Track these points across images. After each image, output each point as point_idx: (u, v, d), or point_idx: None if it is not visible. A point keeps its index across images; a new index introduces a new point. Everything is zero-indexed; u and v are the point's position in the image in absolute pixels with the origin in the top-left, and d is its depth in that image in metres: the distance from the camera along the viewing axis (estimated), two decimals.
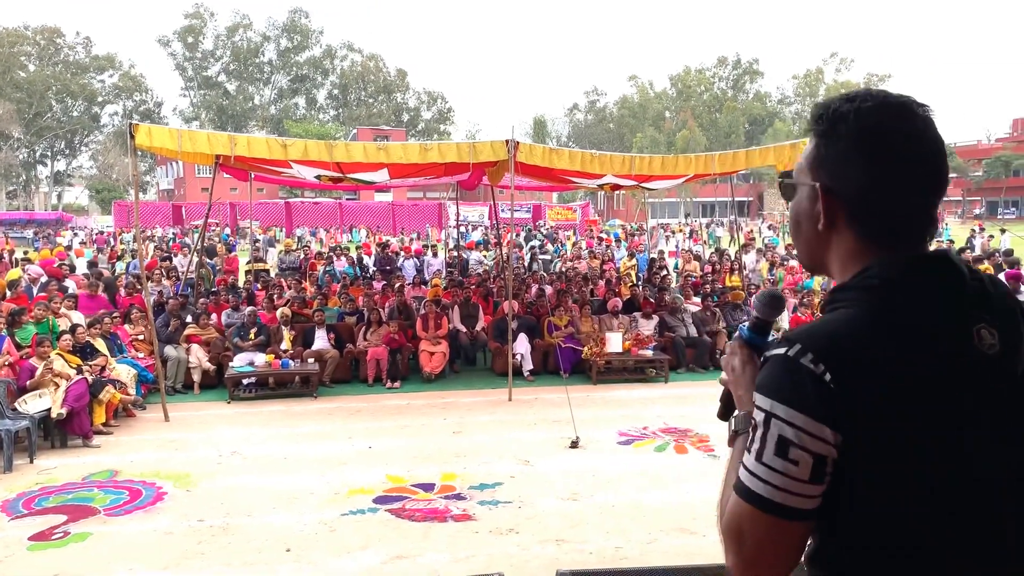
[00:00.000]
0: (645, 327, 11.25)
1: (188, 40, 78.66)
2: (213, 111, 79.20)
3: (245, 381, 9.57)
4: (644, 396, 9.58)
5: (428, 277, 16.47)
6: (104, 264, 18.94)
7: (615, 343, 10.42)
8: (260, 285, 14.01)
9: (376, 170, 11.13)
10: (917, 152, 1.16)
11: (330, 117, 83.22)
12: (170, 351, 9.90)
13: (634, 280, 16.03)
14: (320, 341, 10.43)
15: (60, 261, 17.03)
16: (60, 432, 7.65)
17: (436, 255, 21.60)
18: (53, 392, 7.57)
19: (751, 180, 64.54)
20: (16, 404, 7.42)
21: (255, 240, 20.69)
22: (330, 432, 8.05)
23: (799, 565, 1.17)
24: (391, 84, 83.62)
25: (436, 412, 8.83)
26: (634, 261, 19.87)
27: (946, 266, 1.16)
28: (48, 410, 7.46)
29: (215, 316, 11.07)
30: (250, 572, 4.93)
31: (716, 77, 75.62)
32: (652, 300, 12.31)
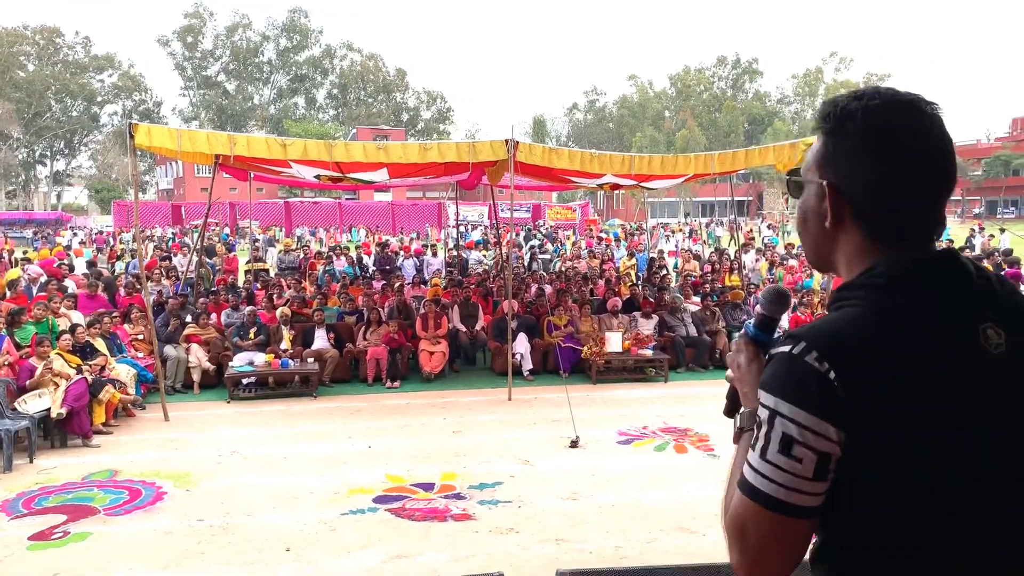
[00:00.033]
0: (645, 327, 11.26)
1: (187, 40, 78.62)
2: (212, 111, 79.17)
3: (245, 381, 9.58)
4: (644, 396, 9.59)
5: (428, 277, 16.47)
6: (104, 264, 18.95)
7: (615, 343, 10.43)
8: (260, 285, 14.01)
9: (375, 170, 11.13)
10: (925, 150, 1.15)
11: (329, 117, 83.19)
12: (170, 351, 9.90)
13: (634, 280, 16.03)
14: (320, 341, 10.43)
15: (59, 261, 17.03)
16: (60, 432, 7.64)
17: (436, 255, 21.61)
18: (53, 392, 7.57)
19: (750, 180, 64.54)
20: (16, 404, 7.42)
21: (255, 240, 20.69)
22: (330, 432, 8.06)
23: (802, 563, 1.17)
24: (390, 84, 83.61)
25: (436, 412, 8.83)
26: (634, 261, 19.88)
27: (952, 265, 1.16)
28: (48, 410, 7.46)
29: (215, 316, 11.08)
30: (250, 572, 4.93)
31: (715, 77, 75.60)
32: (652, 300, 12.31)
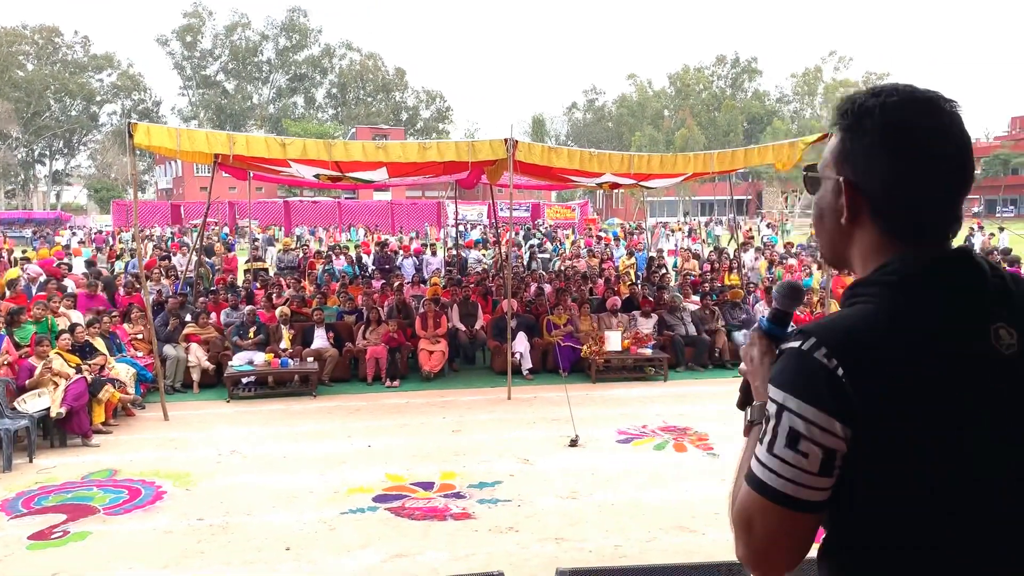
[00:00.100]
0: (644, 326, 11.26)
1: (187, 39, 78.58)
2: (212, 110, 79.15)
3: (244, 380, 9.58)
4: (643, 395, 9.59)
5: (427, 276, 16.45)
6: (103, 263, 18.93)
7: (614, 342, 10.43)
8: (259, 284, 14.02)
9: (375, 169, 11.13)
10: (943, 148, 1.14)
11: (329, 116, 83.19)
12: (169, 350, 9.90)
13: (633, 279, 16.03)
14: (319, 340, 10.43)
15: (59, 260, 17.01)
16: (59, 431, 7.64)
17: (435, 254, 21.59)
18: (52, 391, 7.57)
19: (750, 179, 64.55)
20: (15, 403, 7.42)
21: (254, 239, 20.67)
22: (329, 431, 8.06)
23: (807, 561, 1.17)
24: (390, 83, 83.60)
25: (435, 411, 8.84)
26: (633, 260, 19.87)
27: (966, 264, 1.15)
28: (47, 409, 7.46)
29: (214, 315, 11.08)
30: (250, 571, 4.93)
31: (715, 76, 75.60)
32: (651, 299, 12.31)
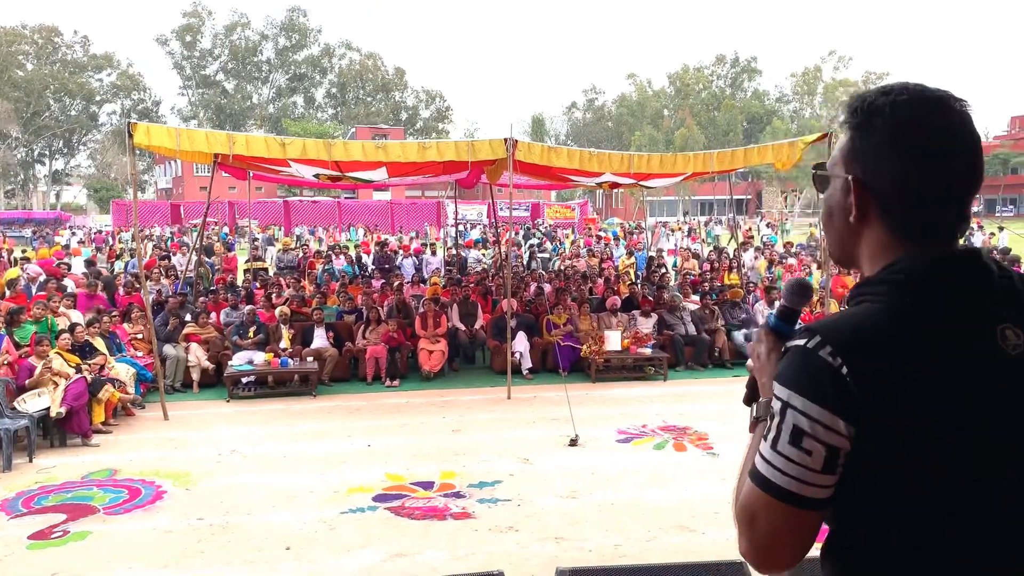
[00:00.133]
0: (644, 325, 11.26)
1: (186, 39, 78.56)
2: (211, 110, 79.12)
3: (244, 380, 9.58)
4: (643, 394, 9.59)
5: (427, 275, 16.45)
6: (103, 263, 18.92)
7: (614, 341, 10.43)
8: (259, 284, 14.02)
9: (375, 169, 11.13)
10: (952, 147, 1.14)
11: (328, 116, 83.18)
12: (169, 350, 9.90)
13: (633, 278, 16.03)
14: (319, 340, 10.43)
15: (58, 260, 17.01)
16: (59, 431, 7.64)
17: (435, 253, 21.58)
18: (52, 391, 7.57)
19: (749, 178, 64.55)
20: (15, 403, 7.42)
21: (254, 239, 20.67)
22: (329, 431, 8.06)
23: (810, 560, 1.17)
24: (389, 83, 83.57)
25: (435, 410, 8.84)
26: (632, 259, 19.88)
27: (974, 264, 1.15)
28: (47, 409, 7.46)
29: (214, 315, 11.08)
30: (250, 570, 4.93)
31: (714, 75, 75.60)
32: (651, 298, 12.31)
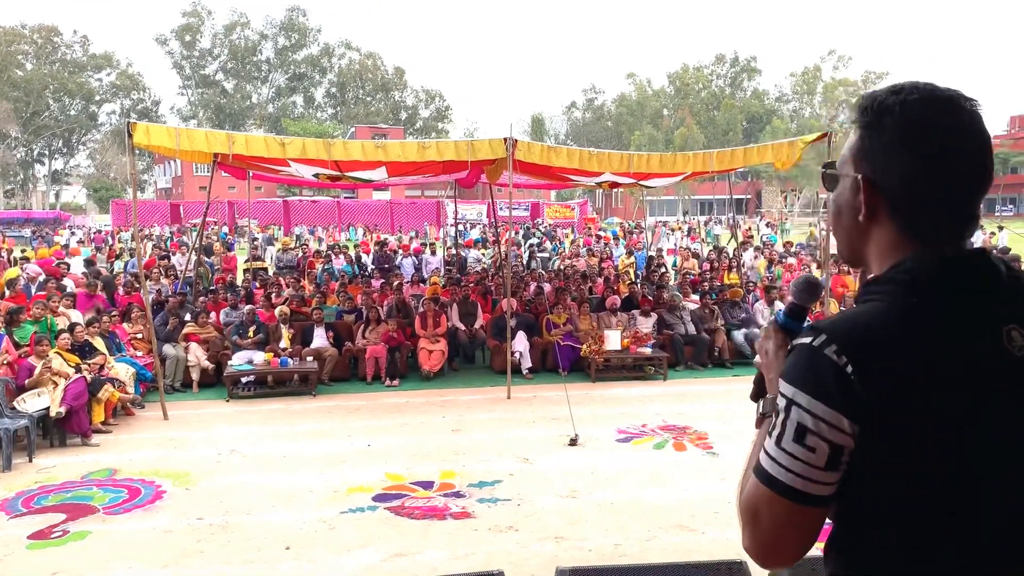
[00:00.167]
0: (643, 325, 11.26)
1: (186, 38, 78.49)
2: (211, 109, 79.05)
3: (244, 379, 9.58)
4: (642, 394, 9.59)
5: (426, 275, 16.45)
6: (102, 263, 18.91)
7: (613, 341, 10.44)
8: (258, 283, 14.02)
9: (374, 168, 11.13)
10: (962, 147, 1.15)
11: (328, 115, 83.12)
12: (169, 350, 9.90)
13: (632, 278, 16.03)
14: (319, 339, 10.43)
15: (58, 260, 17.00)
16: (59, 431, 7.64)
17: (434, 253, 21.57)
18: (52, 391, 7.57)
19: (749, 178, 64.50)
20: (15, 403, 7.42)
21: (253, 238, 20.67)
22: (329, 430, 8.06)
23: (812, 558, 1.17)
24: (389, 82, 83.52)
25: (435, 410, 8.84)
26: (632, 259, 19.88)
27: (981, 264, 1.15)
28: (47, 409, 7.46)
29: (214, 314, 11.08)
30: (250, 570, 4.93)
31: (714, 75, 75.53)
32: (650, 298, 12.31)
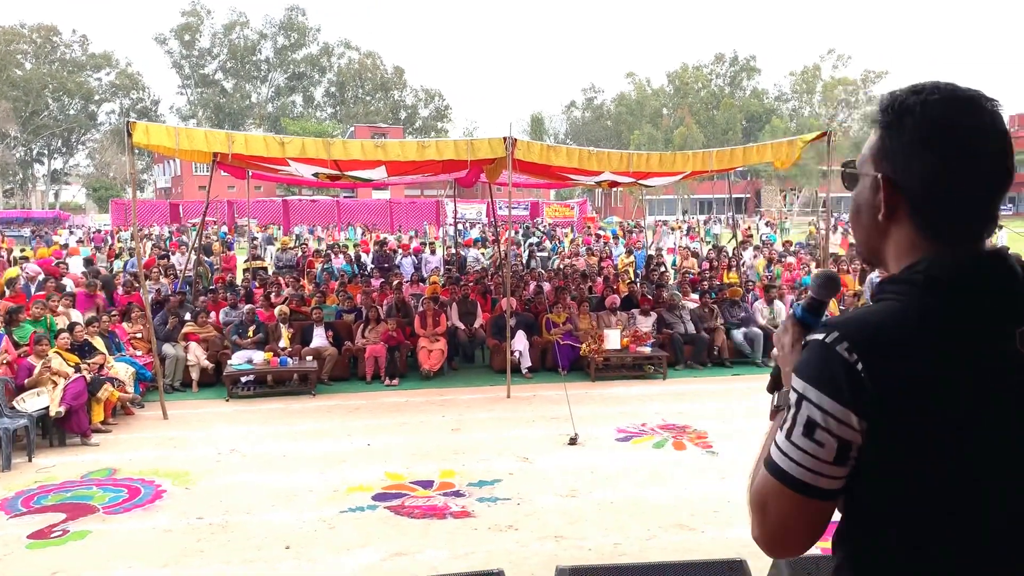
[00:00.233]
0: (643, 324, 11.26)
1: (185, 38, 78.41)
2: (210, 109, 79.00)
3: (243, 379, 9.58)
4: (642, 393, 9.59)
5: (426, 274, 16.44)
6: (102, 262, 18.91)
7: (613, 340, 10.44)
8: (258, 283, 14.01)
9: (374, 168, 11.12)
10: (983, 147, 1.14)
11: (327, 115, 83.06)
12: (168, 349, 9.90)
13: (632, 277, 16.03)
14: (318, 339, 10.43)
15: (57, 260, 16.99)
16: (58, 430, 7.64)
17: (434, 252, 21.57)
18: (51, 390, 7.57)
19: (748, 177, 64.42)
20: (14, 402, 7.42)
21: (253, 238, 20.66)
22: (329, 430, 8.06)
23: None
24: (388, 82, 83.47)
25: (435, 409, 8.84)
26: (632, 258, 19.88)
27: (997, 265, 1.15)
28: (46, 408, 7.46)
29: (213, 314, 11.08)
30: (249, 570, 4.93)
31: (713, 74, 75.47)
32: (650, 297, 12.31)
